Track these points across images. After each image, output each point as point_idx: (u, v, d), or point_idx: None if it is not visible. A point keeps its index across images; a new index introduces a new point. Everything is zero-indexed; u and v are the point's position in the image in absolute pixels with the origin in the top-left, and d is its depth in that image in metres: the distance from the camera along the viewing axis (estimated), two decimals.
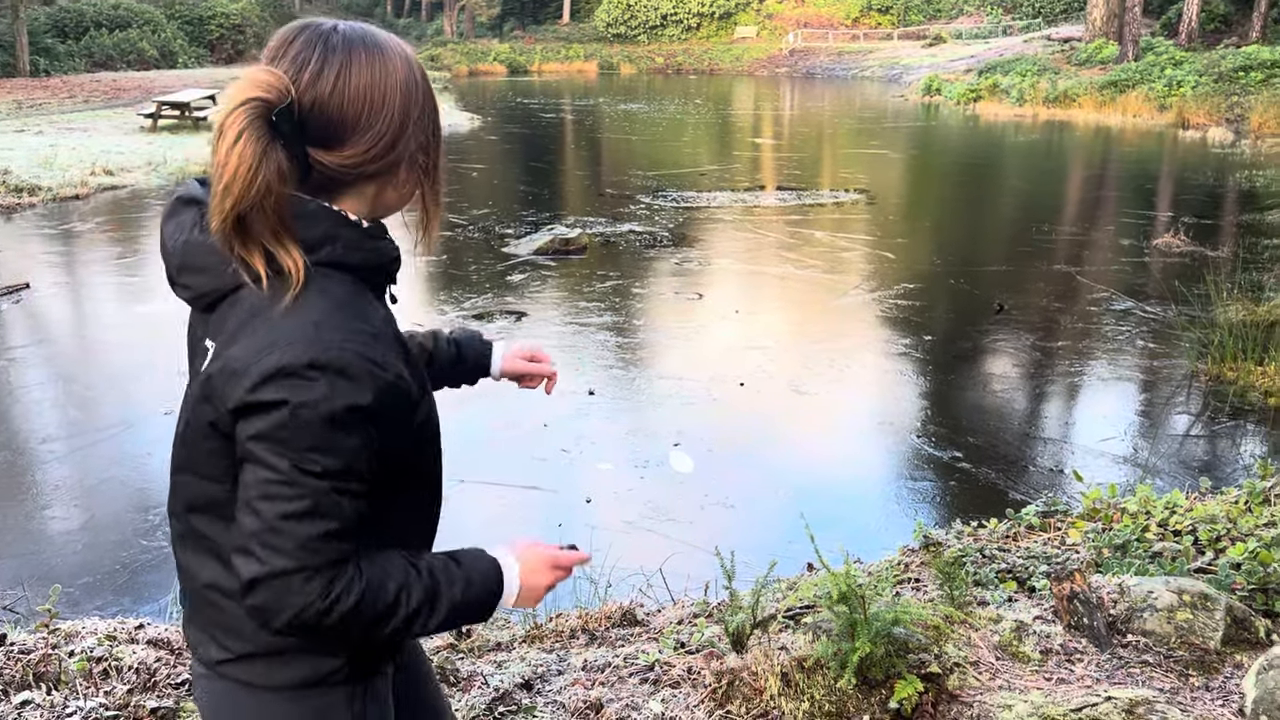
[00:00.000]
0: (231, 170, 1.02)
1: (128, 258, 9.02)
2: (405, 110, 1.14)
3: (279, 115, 1.06)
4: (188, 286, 1.16)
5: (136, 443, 4.95)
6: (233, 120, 1.03)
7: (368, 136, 1.11)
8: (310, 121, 1.09)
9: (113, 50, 33.76)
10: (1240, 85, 23.38)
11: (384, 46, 1.14)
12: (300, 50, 1.10)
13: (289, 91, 1.07)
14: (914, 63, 42.39)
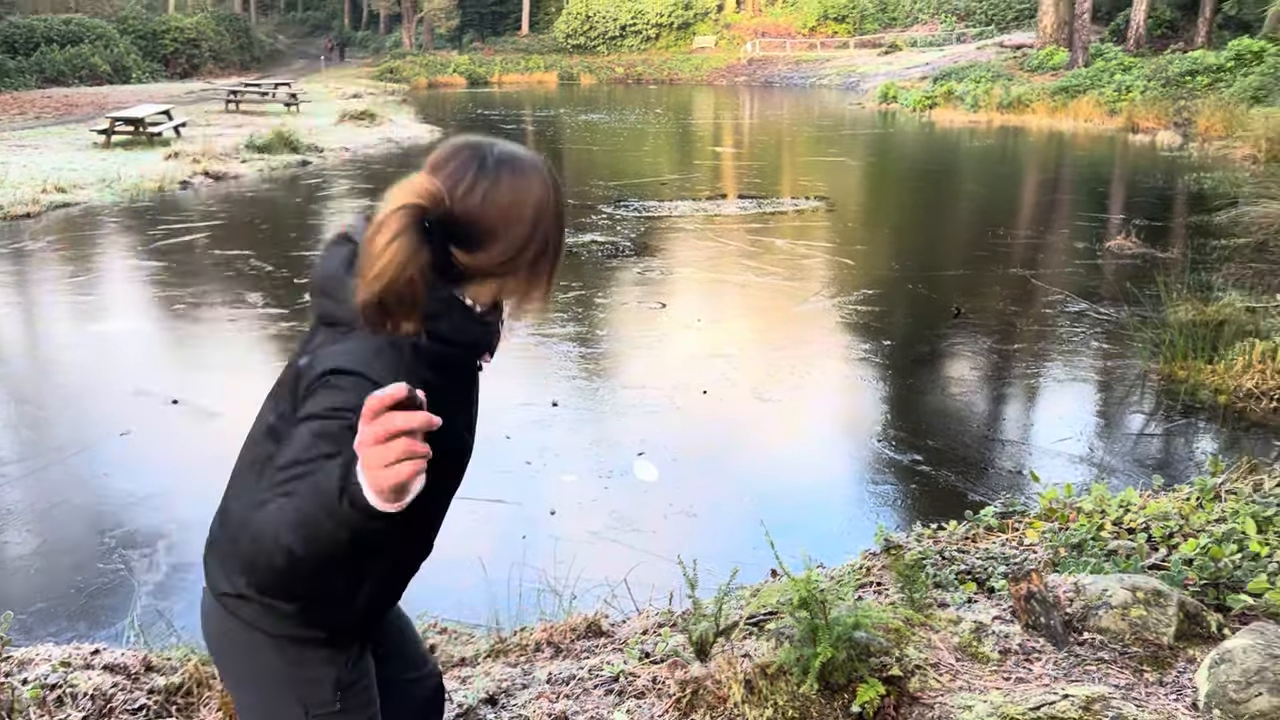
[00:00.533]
0: (384, 264, 1.21)
1: (80, 276, 8.88)
2: (535, 225, 1.37)
3: (432, 221, 1.27)
4: (319, 306, 1.38)
5: (92, 465, 4.88)
6: (391, 220, 1.23)
7: (501, 246, 1.34)
8: (458, 227, 1.31)
9: (64, 66, 33.24)
10: (1187, 89, 23.87)
11: (527, 170, 1.39)
12: (460, 166, 1.34)
13: (444, 201, 1.29)
14: (870, 70, 42.83)
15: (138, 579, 3.82)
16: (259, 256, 9.50)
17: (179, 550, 4.03)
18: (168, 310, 7.71)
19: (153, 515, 4.35)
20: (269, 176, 15.03)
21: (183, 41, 40.96)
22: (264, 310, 7.63)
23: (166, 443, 5.18)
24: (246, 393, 5.92)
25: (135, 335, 7.14)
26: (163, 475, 4.75)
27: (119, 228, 11.06)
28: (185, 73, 40.17)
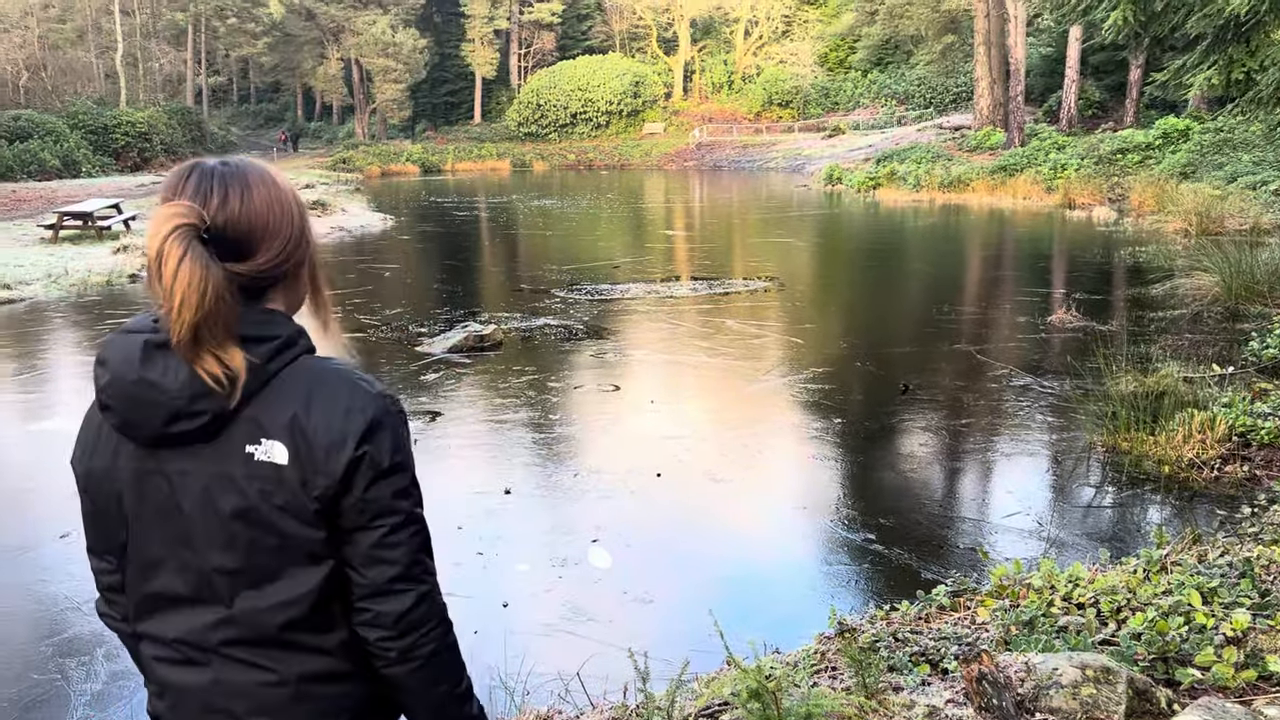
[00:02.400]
0: (183, 288, 1.16)
1: (24, 374, 8.73)
2: (301, 216, 1.34)
3: (203, 237, 1.21)
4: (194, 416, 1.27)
5: (31, 568, 4.74)
6: (170, 246, 1.17)
7: (276, 243, 1.29)
8: (224, 240, 1.24)
9: (13, 161, 33.10)
10: (1119, 167, 24.78)
11: (265, 170, 1.33)
12: (198, 184, 1.26)
13: (203, 218, 1.22)
14: (815, 153, 43.97)
15: (74, 689, 3.69)
16: None
17: (117, 658, 3.91)
18: None
19: (91, 621, 4.21)
20: None
21: (134, 135, 41.04)
22: None
23: None
24: None
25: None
26: None
27: (65, 323, 10.93)
28: (136, 166, 40.15)
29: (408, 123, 57.55)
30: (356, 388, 1.28)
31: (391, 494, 1.26)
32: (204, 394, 1.22)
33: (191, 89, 53.12)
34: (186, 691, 1.29)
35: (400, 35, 51.74)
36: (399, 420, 1.30)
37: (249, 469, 1.23)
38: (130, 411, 1.24)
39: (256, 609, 1.25)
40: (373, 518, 1.26)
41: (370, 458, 1.24)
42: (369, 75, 53.41)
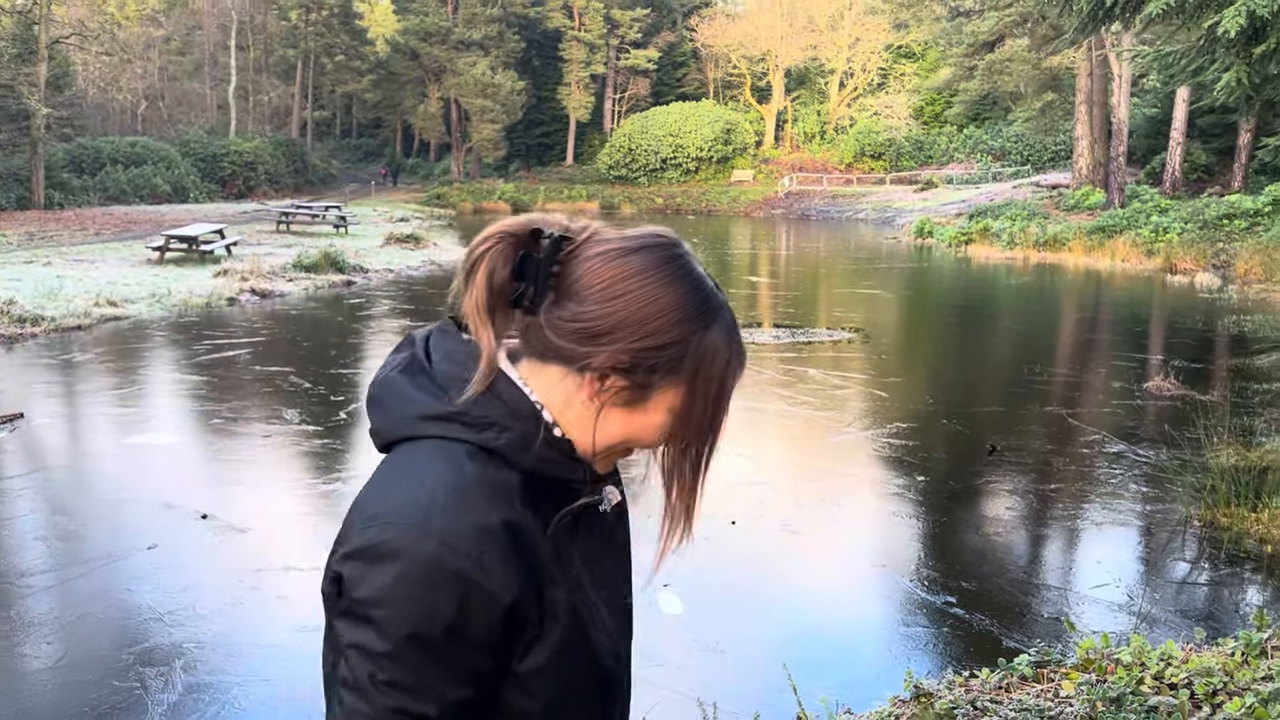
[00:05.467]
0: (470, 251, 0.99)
1: (124, 389, 9.07)
2: (636, 315, 0.99)
3: (526, 247, 1.00)
4: (369, 418, 1.07)
5: (118, 578, 4.88)
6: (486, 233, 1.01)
7: (589, 310, 0.99)
8: (554, 271, 1.00)
9: (126, 185, 34.74)
10: (1225, 232, 24.01)
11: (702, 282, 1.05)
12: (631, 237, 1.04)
13: (540, 234, 1.00)
14: (906, 206, 43.61)
15: (152, 698, 3.77)
16: (298, 374, 9.66)
17: (196, 670, 3.98)
18: (205, 424, 7.83)
19: (173, 632, 4.32)
20: (314, 295, 15.41)
21: (240, 164, 42.73)
22: (299, 427, 7.71)
23: (193, 557, 5.18)
24: (276, 509, 5.97)
25: (171, 448, 7.23)
26: (186, 591, 4.74)
27: (165, 341, 11.34)
28: (241, 194, 41.76)
29: (502, 161, 58.81)
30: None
31: (345, 642, 0.95)
32: (377, 404, 1.07)
33: (297, 122, 55.16)
34: None
35: (499, 77, 53.04)
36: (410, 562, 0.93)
37: None
38: None
39: None
40: (333, 650, 0.98)
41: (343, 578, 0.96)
42: (467, 115, 54.79)
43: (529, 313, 1.01)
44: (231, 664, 4.05)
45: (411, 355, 1.06)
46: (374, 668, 0.93)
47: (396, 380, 1.04)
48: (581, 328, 0.99)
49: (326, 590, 0.97)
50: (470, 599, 0.93)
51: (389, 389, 1.05)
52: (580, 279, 0.99)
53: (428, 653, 0.93)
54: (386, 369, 1.07)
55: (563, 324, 0.99)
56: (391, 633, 0.92)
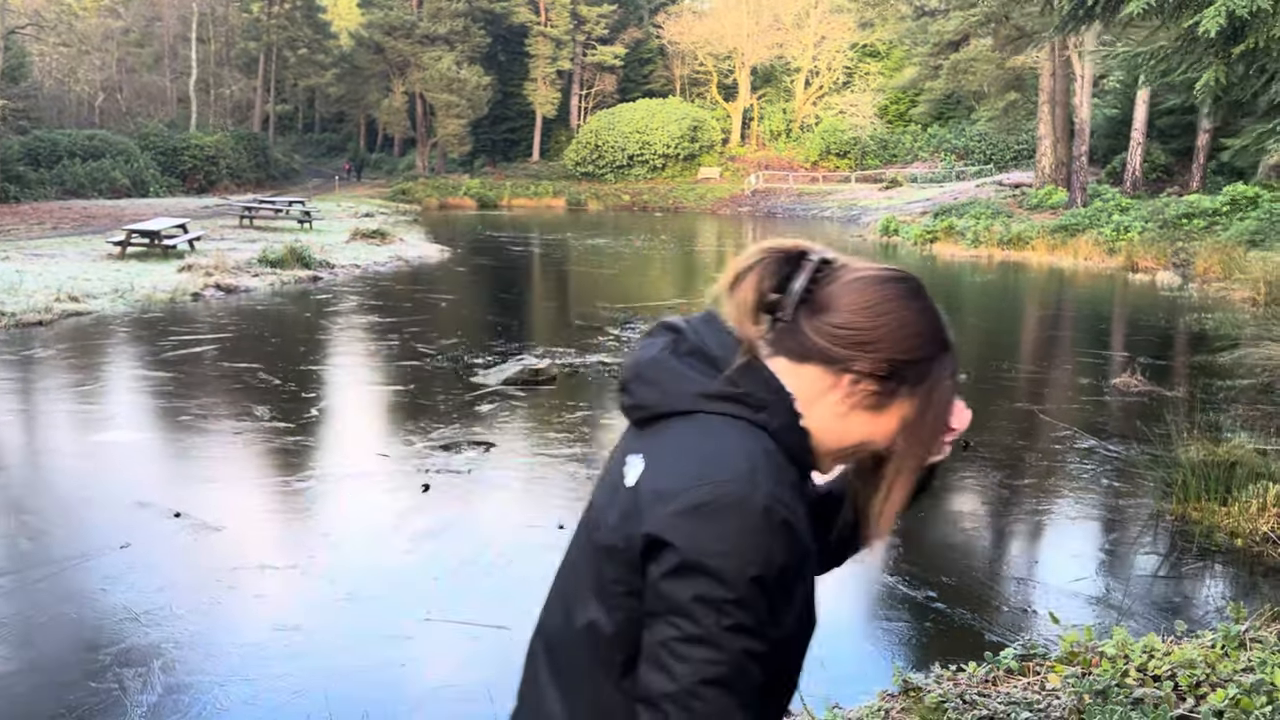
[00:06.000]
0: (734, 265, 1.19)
1: (88, 385, 8.90)
2: (897, 332, 1.16)
3: (791, 264, 1.18)
4: (631, 395, 1.21)
5: (91, 578, 4.78)
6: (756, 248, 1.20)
7: (857, 321, 1.16)
8: (813, 292, 1.18)
9: (84, 178, 34.12)
10: (1184, 231, 24.40)
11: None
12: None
13: (807, 254, 1.19)
14: (871, 204, 43.91)
15: (131, 699, 3.69)
16: (267, 370, 9.54)
17: (175, 670, 3.91)
18: (173, 421, 7.70)
19: (150, 632, 4.24)
20: (280, 291, 15.23)
21: (201, 158, 42.14)
22: (270, 424, 7.61)
23: (167, 557, 5.09)
24: (249, 507, 5.88)
25: (139, 446, 7.11)
26: (162, 590, 4.65)
27: (129, 337, 11.14)
28: (202, 188, 41.18)
29: (467, 157, 58.47)
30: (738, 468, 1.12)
31: (685, 598, 1.06)
32: (648, 382, 1.23)
33: (259, 116, 54.47)
34: None
35: (465, 72, 52.73)
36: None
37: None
38: None
39: None
40: (653, 613, 1.09)
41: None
42: (432, 110, 54.43)
43: (779, 319, 1.18)
44: (211, 664, 3.98)
45: (677, 339, 1.21)
46: (722, 616, 1.04)
47: (668, 361, 1.19)
48: (848, 335, 1.15)
49: (626, 555, 1.10)
50: (794, 545, 1.08)
51: (661, 368, 1.19)
52: (842, 297, 1.16)
53: (765, 594, 1.06)
54: (651, 350, 1.21)
55: (830, 330, 1.15)
56: (735, 579, 1.04)
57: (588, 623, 1.15)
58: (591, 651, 1.15)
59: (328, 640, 4.22)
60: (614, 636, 1.13)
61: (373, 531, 5.52)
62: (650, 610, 1.08)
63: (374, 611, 4.51)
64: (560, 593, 1.23)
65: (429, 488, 6.21)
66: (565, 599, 1.20)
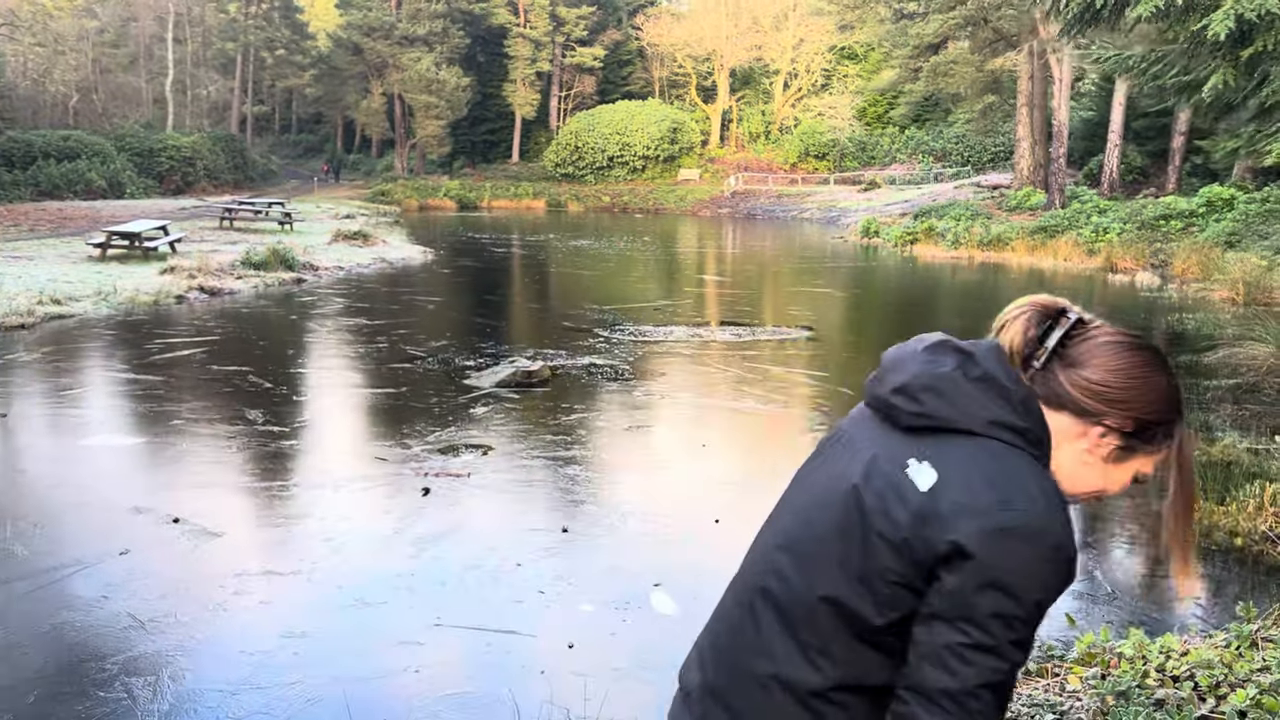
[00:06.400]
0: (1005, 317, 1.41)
1: (76, 389, 8.78)
2: (1146, 395, 1.34)
3: (1051, 318, 1.38)
4: (921, 404, 1.34)
5: (91, 585, 4.70)
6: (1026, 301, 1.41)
7: (1111, 380, 1.33)
8: (1067, 346, 1.36)
9: (60, 180, 33.72)
10: (1162, 233, 24.64)
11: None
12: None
13: (1066, 312, 1.38)
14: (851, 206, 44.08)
15: (141, 709, 3.63)
16: (257, 373, 9.45)
17: (184, 679, 3.85)
18: (165, 425, 7.60)
19: (155, 640, 4.17)
20: (264, 293, 15.10)
21: (179, 159, 41.75)
22: (264, 428, 7.53)
23: (168, 563, 5.02)
24: (249, 512, 5.81)
25: (132, 450, 7.02)
26: (165, 597, 4.59)
27: (114, 340, 11.01)
28: (179, 189, 40.81)
29: (446, 158, 58.24)
30: (1036, 498, 1.28)
31: (985, 612, 1.23)
32: (941, 395, 1.40)
33: (236, 117, 54.05)
34: None
35: (444, 73, 52.54)
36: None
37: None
38: None
39: None
40: (950, 609, 1.24)
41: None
42: (411, 111, 54.19)
43: (1032, 366, 1.36)
44: (221, 672, 3.93)
45: (965, 361, 1.35)
46: (1010, 631, 1.20)
47: (962, 382, 1.33)
48: (1102, 392, 1.32)
49: (915, 555, 1.24)
50: (1068, 577, 1.24)
51: (957, 387, 1.33)
52: (1096, 357, 1.34)
53: (1038, 617, 1.23)
54: (940, 366, 1.35)
55: (1085, 385, 1.33)
56: (1025, 599, 1.20)
57: (831, 596, 1.30)
58: (830, 620, 1.30)
59: (338, 647, 4.17)
60: (859, 613, 1.28)
61: (375, 536, 5.47)
62: (935, 612, 1.23)
63: (383, 617, 4.46)
64: (799, 558, 1.36)
65: (429, 491, 6.17)
66: (804, 567, 1.35)
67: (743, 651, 1.39)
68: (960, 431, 1.30)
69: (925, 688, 1.22)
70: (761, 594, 1.40)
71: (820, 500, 1.39)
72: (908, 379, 1.36)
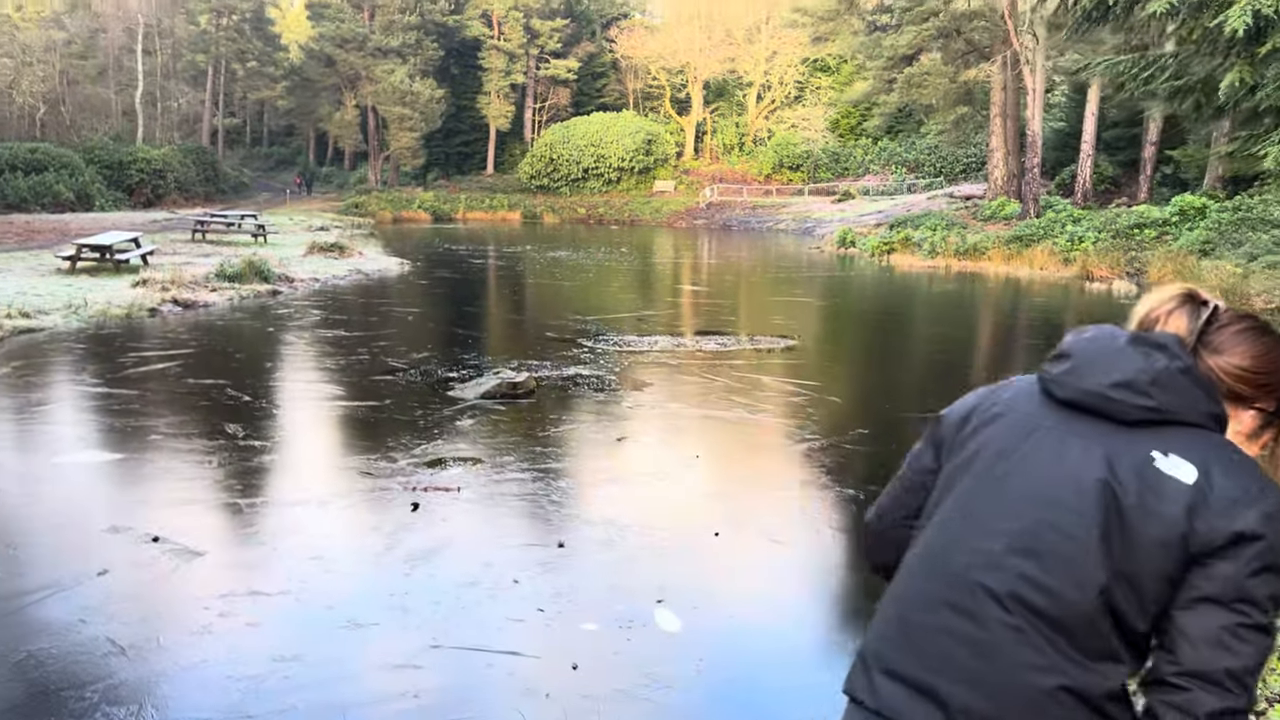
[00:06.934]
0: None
1: (48, 404, 8.51)
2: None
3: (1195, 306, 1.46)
4: (1153, 398, 1.37)
5: (68, 608, 4.48)
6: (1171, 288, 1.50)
7: (1257, 365, 1.43)
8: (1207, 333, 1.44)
9: (27, 192, 33.18)
10: (1136, 241, 24.83)
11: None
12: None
13: (1205, 301, 1.46)
14: (825, 217, 44.22)
15: None
16: (235, 386, 9.21)
17: (169, 707, 3.65)
18: (142, 441, 7.36)
19: (137, 666, 3.96)
20: (240, 306, 14.83)
21: (149, 172, 41.24)
22: (244, 442, 7.31)
23: (148, 584, 4.80)
24: (231, 530, 5.60)
25: (107, 467, 6.77)
26: (146, 620, 4.37)
27: (87, 354, 10.72)
28: (149, 202, 40.31)
29: (420, 170, 57.95)
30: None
31: (1266, 594, 1.29)
32: (1170, 390, 1.44)
33: (207, 129, 53.51)
34: None
35: (418, 85, 52.30)
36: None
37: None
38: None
39: None
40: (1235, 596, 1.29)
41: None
42: (384, 123, 53.89)
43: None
44: (208, 699, 3.72)
45: (1173, 357, 1.40)
46: (1277, 607, 1.28)
47: (1178, 376, 1.39)
48: (1254, 377, 1.41)
49: (1191, 548, 1.29)
50: None
51: (1175, 380, 1.39)
52: (1238, 343, 1.42)
53: None
54: (1156, 363, 1.39)
55: (1239, 371, 1.41)
56: None
57: (1103, 598, 1.31)
58: (1104, 621, 1.32)
59: (332, 671, 3.98)
60: (1126, 612, 1.31)
61: (365, 554, 5.27)
62: (1206, 596, 1.27)
63: (377, 639, 4.27)
64: (1052, 561, 1.35)
65: (418, 506, 5.98)
66: (1062, 571, 1.34)
67: (1015, 670, 1.34)
68: (1179, 423, 1.36)
69: (1205, 671, 1.25)
70: (1015, 602, 1.36)
71: (1050, 499, 1.38)
72: (1130, 375, 1.38)
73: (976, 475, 1.49)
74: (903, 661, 1.44)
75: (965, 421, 1.59)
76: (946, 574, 1.44)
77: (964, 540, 1.44)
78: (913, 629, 1.45)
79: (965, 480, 1.50)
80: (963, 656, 1.36)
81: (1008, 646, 1.34)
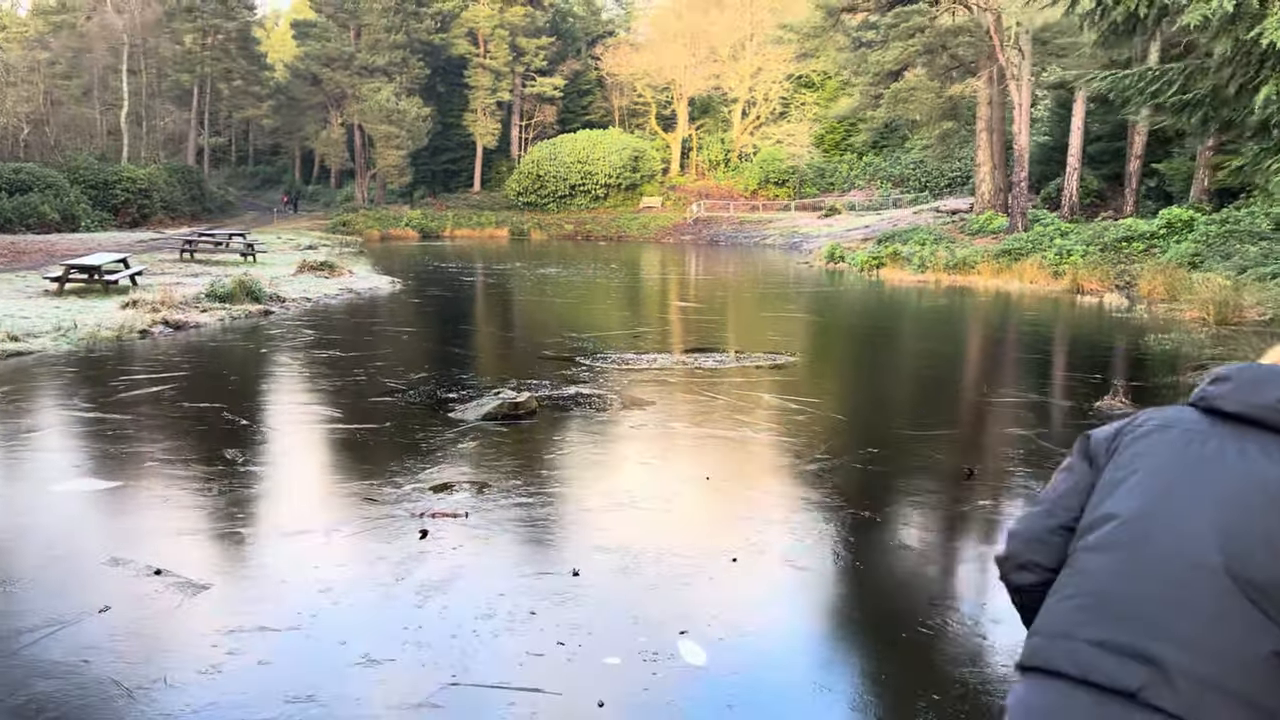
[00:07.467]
0: None
1: (39, 431, 8.33)
2: None
3: None
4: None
5: (70, 647, 4.31)
6: None
7: None
8: None
9: (11, 213, 32.87)
10: (1124, 254, 24.92)
11: None
12: None
13: None
14: (812, 232, 44.31)
15: None
16: (231, 410, 9.04)
17: None
18: (138, 468, 7.19)
19: (145, 709, 3.80)
20: (231, 326, 14.65)
21: (134, 191, 40.97)
22: (244, 468, 7.15)
23: (152, 620, 4.63)
24: (236, 561, 5.44)
25: (105, 496, 6.60)
26: (151, 660, 4.21)
27: (78, 378, 10.53)
28: (135, 222, 40.02)
29: (407, 188, 57.83)
30: None
31: None
32: None
33: (193, 148, 53.27)
34: None
35: (404, 103, 52.24)
36: None
37: None
38: None
39: None
40: None
41: None
42: (371, 141, 53.77)
43: None
44: None
45: None
46: None
47: None
48: None
49: None
50: None
51: None
52: None
53: None
54: None
55: None
56: None
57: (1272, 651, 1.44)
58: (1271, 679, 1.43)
59: (349, 712, 3.82)
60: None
61: (375, 584, 5.12)
62: None
63: (393, 676, 4.12)
64: (1240, 624, 1.45)
65: (426, 534, 5.83)
66: (1242, 629, 1.45)
67: (1240, 640, 1.45)
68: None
69: None
70: (1228, 577, 1.48)
71: (1248, 505, 1.51)
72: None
73: (1155, 473, 1.62)
74: (1114, 630, 1.52)
75: (1116, 437, 1.75)
76: (1155, 555, 1.55)
77: (1169, 524, 1.56)
78: (1119, 601, 1.53)
79: (1139, 478, 1.63)
80: (1183, 625, 1.47)
81: (1236, 620, 1.46)
